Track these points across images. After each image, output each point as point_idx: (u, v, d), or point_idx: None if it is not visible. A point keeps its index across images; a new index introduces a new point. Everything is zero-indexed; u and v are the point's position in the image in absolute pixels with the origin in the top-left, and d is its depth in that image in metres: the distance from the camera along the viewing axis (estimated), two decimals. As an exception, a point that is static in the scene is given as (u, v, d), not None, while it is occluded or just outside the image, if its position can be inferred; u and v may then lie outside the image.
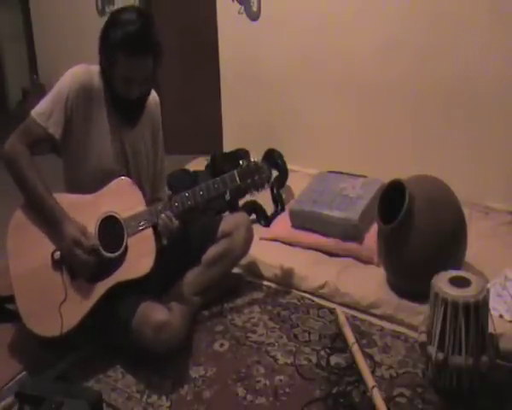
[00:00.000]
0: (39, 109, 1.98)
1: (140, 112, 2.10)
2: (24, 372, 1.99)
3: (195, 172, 3.26)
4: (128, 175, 2.10)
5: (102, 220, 1.98)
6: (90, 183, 2.04)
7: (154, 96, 2.22)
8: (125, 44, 1.89)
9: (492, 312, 1.91)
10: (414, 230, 2.17)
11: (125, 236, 1.97)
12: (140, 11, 2.00)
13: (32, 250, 1.96)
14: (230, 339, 2.15)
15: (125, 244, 1.97)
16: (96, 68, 2.04)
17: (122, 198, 2.02)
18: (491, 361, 1.76)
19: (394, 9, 3.03)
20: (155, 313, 1.92)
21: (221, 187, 2.10)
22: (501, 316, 2.10)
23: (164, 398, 1.88)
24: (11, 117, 4.58)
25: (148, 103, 2.16)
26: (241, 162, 2.15)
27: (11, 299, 1.98)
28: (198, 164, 3.56)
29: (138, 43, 1.90)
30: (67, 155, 2.08)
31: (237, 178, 2.11)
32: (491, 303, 1.88)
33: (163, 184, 2.32)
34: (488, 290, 1.77)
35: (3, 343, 2.12)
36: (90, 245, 1.91)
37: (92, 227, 1.96)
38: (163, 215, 2.00)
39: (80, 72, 2.02)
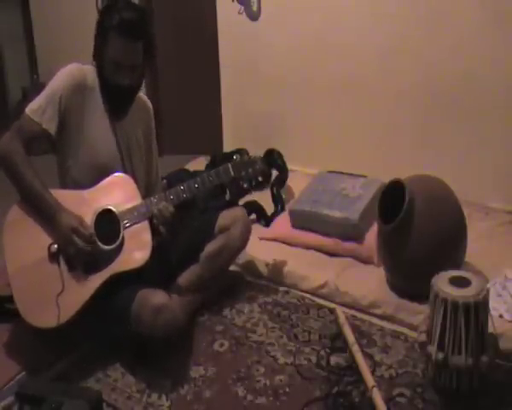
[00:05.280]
0: (33, 106, 2.00)
1: (129, 101, 2.11)
2: (23, 372, 1.99)
3: (195, 172, 3.26)
4: (123, 169, 2.12)
5: (99, 214, 2.00)
6: (84, 179, 2.05)
7: (146, 100, 2.28)
8: (117, 27, 1.95)
9: (492, 312, 1.91)
10: (414, 230, 2.17)
11: (122, 228, 1.99)
12: (137, 4, 2.14)
13: (29, 244, 1.97)
14: (230, 339, 2.15)
15: (121, 237, 1.98)
16: (89, 67, 2.07)
17: (118, 192, 2.05)
18: (491, 361, 1.76)
19: (395, 10, 3.03)
20: (154, 296, 1.93)
21: (215, 179, 2.13)
22: (501, 316, 2.10)
23: (164, 398, 1.88)
24: (11, 117, 4.57)
25: (140, 104, 2.20)
26: (234, 157, 2.19)
27: (11, 299, 1.98)
28: (198, 164, 3.55)
29: (131, 29, 1.96)
30: (62, 152, 2.09)
31: (231, 171, 2.15)
32: (491, 303, 1.88)
33: (158, 186, 2.34)
34: (488, 290, 1.77)
35: (3, 343, 2.12)
36: (88, 233, 1.92)
37: (89, 221, 1.98)
38: (159, 206, 2.02)
39: (74, 69, 2.05)
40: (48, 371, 1.98)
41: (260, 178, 2.21)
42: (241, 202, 2.99)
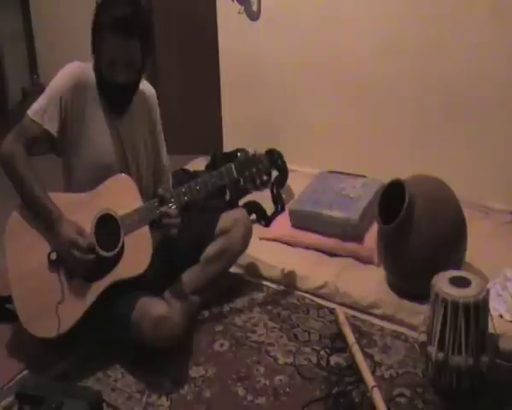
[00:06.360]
0: (35, 107, 1.99)
1: (128, 98, 2.07)
2: (24, 372, 1.98)
3: (195, 172, 3.26)
4: (127, 168, 2.10)
5: (99, 218, 1.97)
6: (89, 180, 2.03)
7: (149, 88, 2.22)
8: (109, 25, 1.90)
9: (492, 312, 1.90)
10: (414, 230, 2.17)
11: (122, 234, 1.96)
12: None
13: (29, 252, 1.95)
14: (230, 339, 2.15)
15: (121, 242, 1.96)
16: (89, 64, 2.04)
17: (118, 195, 2.01)
18: (491, 361, 1.76)
19: (394, 9, 3.03)
20: (154, 308, 1.92)
21: (218, 181, 2.05)
22: (501, 316, 2.10)
23: (164, 398, 1.88)
24: (11, 117, 4.57)
25: (144, 94, 2.16)
26: (238, 154, 2.10)
27: (11, 299, 1.98)
28: (198, 164, 3.56)
29: (123, 25, 1.90)
30: (65, 154, 2.07)
31: (234, 171, 2.06)
32: (491, 303, 1.88)
33: (167, 177, 2.30)
34: (488, 290, 1.77)
35: (3, 343, 2.12)
36: (87, 245, 1.89)
37: (89, 226, 1.95)
38: (161, 210, 1.98)
39: (74, 68, 2.03)
40: (48, 371, 1.97)
41: (265, 177, 2.10)
42: (241, 202, 2.99)
